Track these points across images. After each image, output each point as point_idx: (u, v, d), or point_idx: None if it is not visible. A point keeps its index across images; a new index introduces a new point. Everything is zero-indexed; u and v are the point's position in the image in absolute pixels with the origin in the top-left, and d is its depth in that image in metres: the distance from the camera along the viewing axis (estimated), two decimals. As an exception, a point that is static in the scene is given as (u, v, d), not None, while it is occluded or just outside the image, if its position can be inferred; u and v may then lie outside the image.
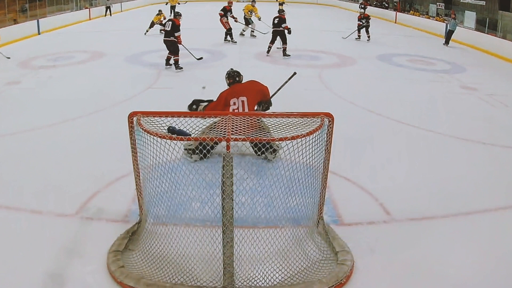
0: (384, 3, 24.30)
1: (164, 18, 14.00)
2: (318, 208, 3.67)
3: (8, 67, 9.88)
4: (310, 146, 3.21)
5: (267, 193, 3.37)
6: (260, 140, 3.17)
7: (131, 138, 3.32)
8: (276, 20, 10.93)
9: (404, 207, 4.14)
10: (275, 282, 3.03)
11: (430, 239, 3.67)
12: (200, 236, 3.32)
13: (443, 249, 3.55)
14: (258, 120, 3.49)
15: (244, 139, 3.03)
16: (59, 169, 4.78)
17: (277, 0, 23.91)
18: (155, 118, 3.28)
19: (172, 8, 19.61)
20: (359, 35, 14.39)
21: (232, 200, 2.87)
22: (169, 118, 3.32)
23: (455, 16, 14.43)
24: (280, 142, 3.03)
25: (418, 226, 3.88)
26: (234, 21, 13.22)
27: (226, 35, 13.23)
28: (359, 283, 3.12)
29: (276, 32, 10.99)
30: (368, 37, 14.21)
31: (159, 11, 15.28)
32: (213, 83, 5.27)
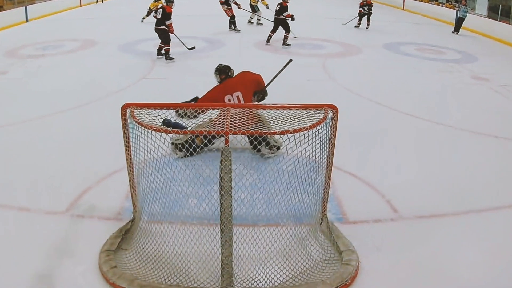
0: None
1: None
2: (322, 205, 3.66)
3: (-5, 57, 9.85)
4: (313, 140, 3.20)
5: (268, 190, 3.36)
6: (261, 134, 3.15)
7: (124, 132, 3.31)
8: (278, 8, 10.87)
9: (412, 204, 4.13)
10: (276, 283, 3.02)
11: (439, 238, 3.67)
12: (197, 235, 3.31)
13: (453, 248, 3.54)
14: (257, 113, 3.46)
15: (243, 133, 3.01)
16: (49, 164, 4.76)
17: None
18: (150, 110, 3.27)
19: None
20: (359, 23, 14.28)
21: (231, 197, 2.85)
22: (164, 110, 3.31)
23: (466, 3, 14.34)
24: (281, 136, 3.01)
25: (427, 224, 3.88)
26: (238, 8, 13.14)
27: (230, 23, 13.17)
28: (365, 284, 3.11)
29: (277, 21, 10.92)
30: (368, 25, 14.07)
31: None
32: (210, 75, 5.22)
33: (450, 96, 7.68)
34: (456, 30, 14.11)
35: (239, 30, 13.11)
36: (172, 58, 9.29)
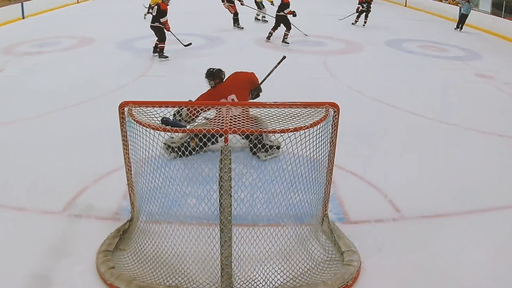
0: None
1: None
2: (323, 205, 3.66)
3: (-10, 54, 9.84)
4: (314, 139, 3.19)
5: (268, 189, 3.35)
6: (261, 132, 3.15)
7: (122, 130, 3.30)
8: (279, 4, 10.85)
9: (415, 204, 4.13)
10: (277, 284, 3.02)
11: (443, 238, 3.66)
12: (196, 235, 3.30)
13: (456, 249, 3.54)
14: (253, 115, 3.43)
15: (243, 131, 3.00)
16: (45, 163, 4.75)
17: None
18: (148, 109, 3.26)
19: None
20: (356, 20, 14.18)
21: (231, 196, 2.84)
22: (163, 109, 3.30)
23: (469, -1, 14.34)
24: (282, 135, 3.00)
25: (430, 224, 3.87)
26: (241, 5, 13.10)
27: (234, 21, 13.13)
28: (366, 285, 3.11)
29: (279, 18, 10.90)
30: (365, 22, 13.99)
31: None
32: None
33: (453, 94, 7.67)
34: (459, 27, 14.09)
35: (242, 28, 13.06)
36: (166, 57, 9.21)
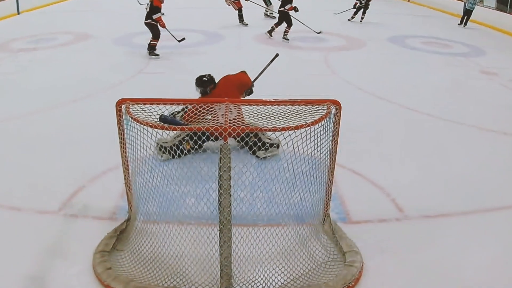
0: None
1: None
2: (324, 205, 3.65)
3: (-16, 50, 9.82)
4: (315, 137, 3.19)
5: (268, 188, 3.35)
6: (261, 130, 3.14)
7: (119, 128, 3.30)
8: (281, 0, 10.83)
9: (418, 204, 4.13)
10: (277, 286, 3.02)
11: (446, 239, 3.66)
12: (195, 235, 3.30)
13: (460, 249, 3.54)
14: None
15: (243, 129, 3.00)
16: (41, 162, 4.75)
17: None
18: (146, 106, 3.26)
19: None
20: (353, 16, 14.09)
21: (230, 196, 2.84)
22: (161, 106, 3.29)
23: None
24: (282, 133, 3.00)
25: (433, 224, 3.87)
26: (245, 0, 13.07)
27: (239, 17, 13.08)
28: (369, 286, 3.11)
29: (281, 13, 10.89)
30: (362, 19, 13.92)
31: None
32: (209, 69, 5.21)
33: (457, 91, 7.67)
34: (464, 23, 14.06)
35: (247, 24, 13.02)
36: (157, 55, 9.14)
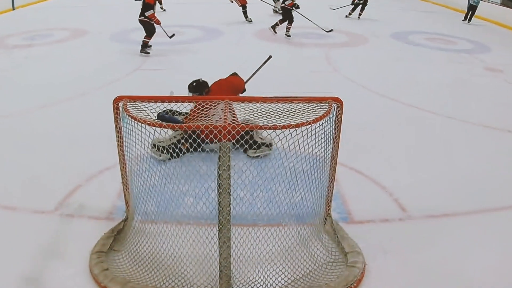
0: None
1: None
2: (326, 204, 3.65)
3: (-21, 47, 9.82)
4: (317, 135, 3.18)
5: (269, 187, 3.34)
6: (261, 128, 3.13)
7: (117, 126, 3.29)
8: None
9: (422, 203, 4.12)
10: (277, 287, 3.02)
11: (450, 239, 3.66)
12: (194, 235, 3.30)
13: (465, 250, 3.53)
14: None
15: (243, 127, 2.99)
16: (37, 161, 4.74)
17: None
18: (144, 103, 3.24)
19: None
20: (350, 12, 14.00)
21: (230, 195, 2.84)
22: (159, 104, 3.28)
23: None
24: (283, 131, 2.99)
25: (437, 224, 3.87)
26: None
27: (244, 14, 13.01)
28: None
29: (283, 10, 10.88)
30: (359, 15, 13.88)
31: None
32: (208, 65, 5.20)
33: (462, 89, 7.66)
34: (468, 19, 14.05)
35: (251, 20, 12.97)
36: (148, 52, 9.09)
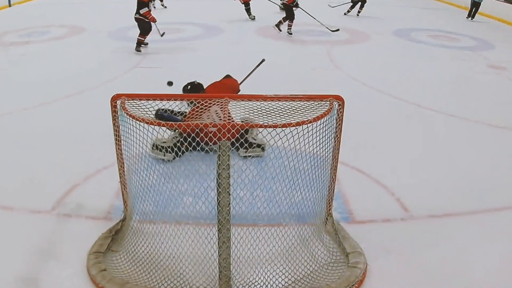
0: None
1: None
2: (327, 204, 3.65)
3: (-25, 44, 9.82)
4: (318, 133, 3.17)
5: (269, 187, 3.34)
6: (261, 127, 3.13)
7: (114, 125, 3.29)
8: None
9: (424, 203, 4.12)
10: (278, 288, 3.02)
11: (453, 239, 3.65)
12: (193, 236, 3.30)
13: (468, 250, 3.53)
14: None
15: (243, 125, 2.99)
16: (33, 159, 4.74)
17: None
18: (142, 102, 3.24)
19: None
20: (349, 10, 13.96)
21: (229, 195, 2.84)
22: (158, 102, 3.28)
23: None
24: (283, 129, 2.98)
25: (440, 224, 3.86)
26: None
27: (247, 11, 12.92)
28: (373, 288, 3.11)
29: (284, 6, 10.86)
30: (358, 12, 13.84)
31: None
32: (207, 62, 5.20)
33: (465, 86, 7.66)
34: (471, 16, 14.04)
35: (253, 19, 12.86)
36: (139, 51, 9.05)
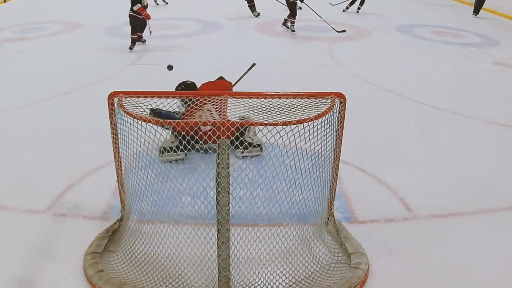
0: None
1: None
2: (328, 203, 3.65)
3: (-31, 40, 9.81)
4: (319, 132, 3.17)
5: (269, 186, 3.33)
6: (261, 125, 3.13)
7: (112, 122, 3.29)
8: None
9: (427, 203, 4.12)
10: (278, 289, 3.02)
11: (457, 239, 3.66)
12: (192, 236, 3.29)
13: (471, 251, 3.53)
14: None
15: (242, 124, 2.99)
16: (29, 158, 4.74)
17: None
18: (139, 99, 3.25)
19: None
20: (348, 7, 13.91)
21: (229, 194, 2.84)
22: (155, 99, 3.28)
23: (487, -19, 14.26)
24: (284, 128, 2.98)
25: (443, 224, 3.87)
26: None
27: (250, 8, 12.78)
28: (375, 289, 3.11)
29: (287, 3, 10.86)
30: (358, 9, 13.78)
31: None
32: (206, 59, 5.20)
33: (469, 84, 7.65)
34: (476, 12, 14.02)
35: (257, 15, 12.70)
36: (131, 48, 9.04)
